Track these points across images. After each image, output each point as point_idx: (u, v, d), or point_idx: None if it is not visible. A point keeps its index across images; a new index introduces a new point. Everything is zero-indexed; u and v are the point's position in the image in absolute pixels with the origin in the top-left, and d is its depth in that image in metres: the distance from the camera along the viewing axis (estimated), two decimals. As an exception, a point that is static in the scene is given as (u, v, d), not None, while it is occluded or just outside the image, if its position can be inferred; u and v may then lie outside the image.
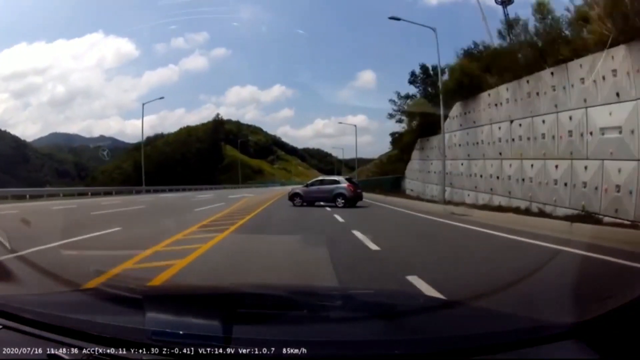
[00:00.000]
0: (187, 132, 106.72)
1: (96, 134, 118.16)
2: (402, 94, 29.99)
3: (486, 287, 4.53)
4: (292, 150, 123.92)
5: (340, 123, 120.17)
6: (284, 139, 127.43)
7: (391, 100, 31.24)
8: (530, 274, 5.15)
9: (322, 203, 20.11)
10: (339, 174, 41.76)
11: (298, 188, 21.91)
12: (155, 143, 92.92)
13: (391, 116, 31.03)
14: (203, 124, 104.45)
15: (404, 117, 29.95)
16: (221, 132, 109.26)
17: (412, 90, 30.05)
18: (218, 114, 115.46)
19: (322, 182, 21.16)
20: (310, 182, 21.94)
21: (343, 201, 19.30)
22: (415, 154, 27.69)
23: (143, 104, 50.54)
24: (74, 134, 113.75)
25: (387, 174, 35.93)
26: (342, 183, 20.10)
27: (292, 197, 20.87)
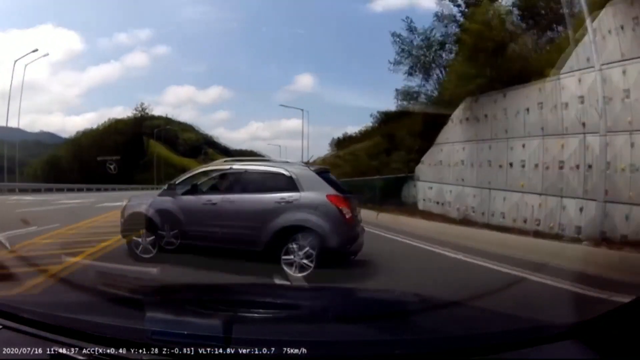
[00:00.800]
0: (109, 125, 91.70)
1: (37, 128, 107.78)
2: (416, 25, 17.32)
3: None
4: (224, 151, 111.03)
5: (282, 105, 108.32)
6: (219, 140, 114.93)
7: (396, 36, 17.63)
8: None
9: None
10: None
11: (145, 197, 7.77)
12: (80, 138, 79.47)
13: (396, 63, 17.54)
14: (128, 117, 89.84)
15: (415, 69, 16.91)
16: (146, 125, 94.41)
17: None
18: (142, 103, 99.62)
19: (235, 179, 6.95)
20: (190, 173, 7.57)
21: (312, 258, 6.11)
22: (451, 131, 14.95)
23: (15, 61, 35.35)
24: (16, 128, 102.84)
25: (365, 174, 22.98)
26: (316, 188, 6.47)
27: (128, 227, 7.11)
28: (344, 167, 29.51)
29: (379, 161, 23.33)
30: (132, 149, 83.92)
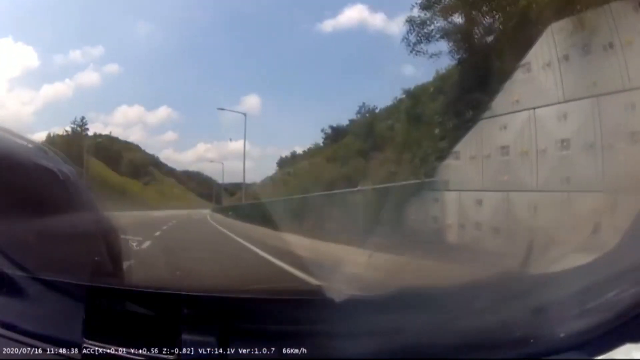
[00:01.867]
0: (46, 141, 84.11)
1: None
2: None
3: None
4: (169, 172, 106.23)
5: (220, 109, 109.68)
6: (167, 162, 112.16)
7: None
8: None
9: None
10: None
11: None
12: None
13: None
14: (66, 131, 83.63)
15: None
16: (89, 144, 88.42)
17: None
18: (82, 118, 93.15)
19: None
20: None
21: None
22: (526, 87, 7.10)
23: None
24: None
25: (332, 186, 15.08)
26: None
27: None
28: (298, 182, 22.42)
29: (352, 167, 16.12)
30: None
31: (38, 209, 1.99)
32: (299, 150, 43.31)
